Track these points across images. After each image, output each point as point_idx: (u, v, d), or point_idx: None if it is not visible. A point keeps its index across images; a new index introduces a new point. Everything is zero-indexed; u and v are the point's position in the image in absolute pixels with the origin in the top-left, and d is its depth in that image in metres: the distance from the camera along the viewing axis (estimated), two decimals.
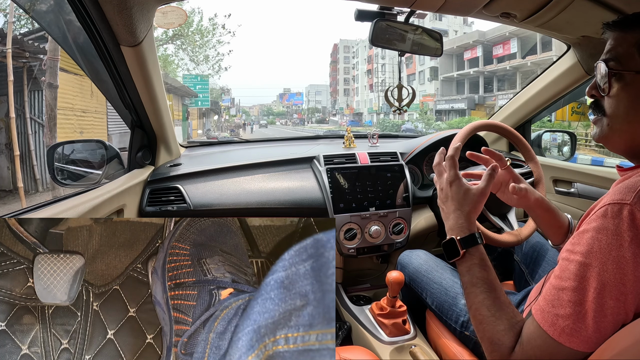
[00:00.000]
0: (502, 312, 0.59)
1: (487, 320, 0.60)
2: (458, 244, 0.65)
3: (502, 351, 0.57)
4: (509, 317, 0.59)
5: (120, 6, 0.82)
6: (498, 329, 0.58)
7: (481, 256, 0.65)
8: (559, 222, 0.86)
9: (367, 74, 39.20)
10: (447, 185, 0.71)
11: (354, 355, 0.88)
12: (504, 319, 0.59)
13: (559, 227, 0.86)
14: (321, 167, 1.29)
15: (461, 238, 0.66)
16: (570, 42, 1.22)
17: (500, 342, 0.57)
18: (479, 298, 0.61)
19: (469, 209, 0.68)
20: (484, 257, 0.65)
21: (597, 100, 0.62)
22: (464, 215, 0.68)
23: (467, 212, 0.68)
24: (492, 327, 0.59)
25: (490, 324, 0.59)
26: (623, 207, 0.50)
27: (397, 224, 1.29)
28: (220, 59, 11.97)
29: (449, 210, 0.70)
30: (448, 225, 0.69)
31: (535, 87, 1.47)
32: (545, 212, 0.85)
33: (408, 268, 1.10)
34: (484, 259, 0.65)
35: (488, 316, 0.60)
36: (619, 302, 0.49)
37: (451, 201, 0.70)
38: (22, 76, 5.31)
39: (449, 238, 0.67)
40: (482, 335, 0.60)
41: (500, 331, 0.58)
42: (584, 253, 0.52)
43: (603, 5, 0.88)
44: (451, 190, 0.70)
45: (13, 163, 4.99)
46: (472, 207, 0.69)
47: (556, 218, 0.85)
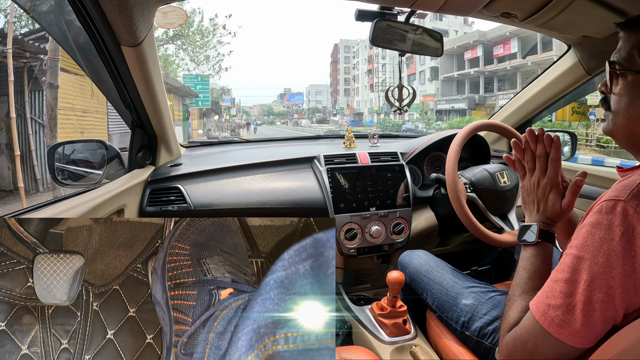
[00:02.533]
0: (527, 295, 0.64)
1: (512, 298, 0.66)
2: (538, 232, 0.69)
3: (505, 326, 0.63)
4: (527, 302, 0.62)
5: (120, 6, 0.82)
6: (514, 306, 0.64)
7: (548, 253, 0.69)
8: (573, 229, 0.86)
9: (368, 74, 39.21)
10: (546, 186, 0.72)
11: (354, 355, 0.88)
12: (525, 301, 0.63)
13: None
14: (322, 167, 1.29)
15: (543, 229, 0.70)
16: (570, 42, 1.22)
17: (508, 318, 0.63)
18: (520, 279, 0.67)
19: (551, 216, 0.72)
20: (549, 254, 0.69)
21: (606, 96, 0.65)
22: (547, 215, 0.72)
23: (550, 217, 0.72)
24: (511, 304, 0.65)
25: (512, 301, 0.65)
26: (617, 203, 0.52)
27: (397, 224, 1.29)
28: (220, 59, 11.97)
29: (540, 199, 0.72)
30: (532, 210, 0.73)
31: (535, 87, 1.47)
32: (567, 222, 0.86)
33: (408, 268, 1.10)
34: (549, 256, 0.69)
35: (515, 295, 0.65)
36: (607, 296, 0.51)
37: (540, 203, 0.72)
38: (22, 76, 5.31)
39: (532, 223, 0.71)
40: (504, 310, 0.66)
41: (514, 309, 0.63)
42: (579, 247, 0.55)
43: (604, 5, 0.87)
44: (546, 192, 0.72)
45: (14, 163, 5.00)
46: (553, 217, 0.72)
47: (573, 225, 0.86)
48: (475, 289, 0.94)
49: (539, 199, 0.73)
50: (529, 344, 0.57)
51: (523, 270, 0.68)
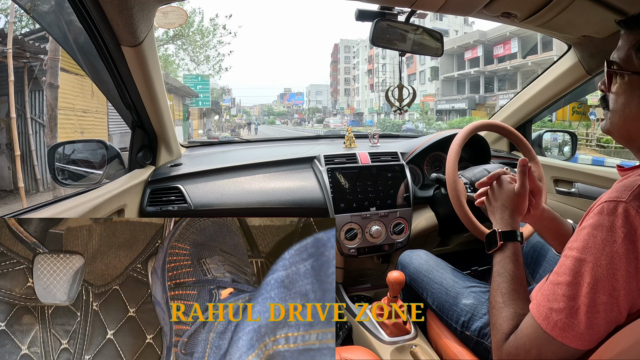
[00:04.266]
0: (512, 302, 0.63)
1: (497, 306, 0.64)
2: (498, 236, 0.72)
3: (499, 337, 0.61)
4: (517, 307, 0.62)
5: (120, 6, 0.82)
6: (503, 314, 0.62)
7: (516, 252, 0.70)
8: (563, 230, 0.86)
9: (368, 74, 39.19)
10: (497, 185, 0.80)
11: (354, 355, 0.88)
12: (512, 307, 0.62)
13: (563, 234, 0.86)
14: (322, 167, 1.29)
15: (502, 231, 0.72)
16: (571, 41, 1.22)
17: (500, 327, 0.61)
18: (499, 286, 0.66)
19: (512, 208, 0.76)
20: (517, 253, 0.70)
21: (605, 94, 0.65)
22: (508, 212, 0.75)
23: (511, 211, 0.75)
24: (499, 312, 0.63)
25: (498, 310, 0.63)
26: (618, 204, 0.52)
27: (397, 224, 1.29)
28: (221, 59, 11.97)
29: (495, 206, 0.78)
30: (494, 220, 0.77)
31: (535, 87, 1.47)
32: (551, 221, 0.86)
33: (409, 268, 1.10)
34: (518, 255, 0.70)
35: (499, 302, 0.64)
36: (611, 297, 0.50)
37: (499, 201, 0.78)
38: (22, 76, 5.32)
39: (492, 230, 0.74)
40: (490, 319, 0.65)
41: (503, 317, 0.62)
42: (580, 249, 0.54)
43: (604, 5, 0.87)
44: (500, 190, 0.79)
45: (14, 163, 5.00)
46: (515, 207, 0.76)
47: (561, 226, 0.86)
48: (476, 289, 0.94)
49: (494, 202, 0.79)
50: (533, 351, 0.55)
51: (498, 276, 0.68)
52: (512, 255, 0.69)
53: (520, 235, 0.72)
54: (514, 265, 0.68)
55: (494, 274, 0.69)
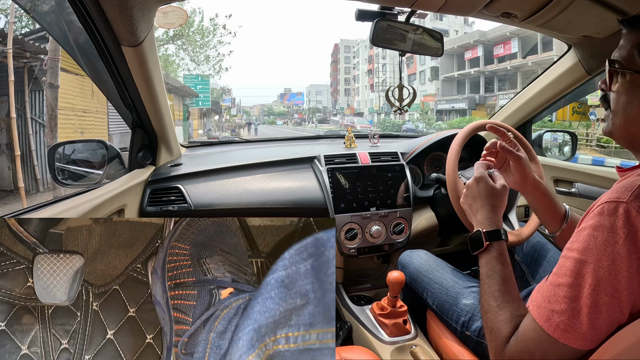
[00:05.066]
0: (507, 304, 0.62)
1: (492, 310, 0.63)
2: (483, 236, 0.70)
3: (499, 341, 0.59)
4: (512, 309, 0.61)
5: (121, 6, 0.82)
6: (499, 318, 0.61)
7: (502, 251, 0.69)
8: (555, 208, 0.85)
9: (368, 74, 39.21)
10: (474, 182, 0.77)
11: (354, 355, 0.88)
12: (507, 310, 0.61)
13: (555, 213, 0.85)
14: (322, 167, 1.29)
15: (487, 231, 0.71)
16: (571, 42, 1.22)
17: (498, 331, 0.60)
18: (491, 289, 0.65)
19: (492, 203, 0.74)
20: (504, 253, 0.69)
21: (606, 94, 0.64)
22: (491, 209, 0.74)
23: (491, 207, 0.74)
24: (495, 316, 0.62)
25: (493, 314, 0.62)
26: (619, 205, 0.52)
27: (397, 224, 1.29)
28: (221, 59, 11.96)
29: (477, 206, 0.76)
30: (477, 220, 0.75)
31: (536, 87, 1.46)
32: (543, 195, 0.85)
33: (409, 268, 1.10)
34: (504, 254, 0.68)
35: (493, 306, 0.63)
36: (614, 298, 0.50)
37: (479, 198, 0.76)
38: (23, 76, 5.32)
39: (475, 230, 0.72)
40: (486, 324, 0.63)
41: (500, 321, 0.61)
42: (581, 250, 0.53)
43: (604, 5, 0.87)
44: (478, 187, 0.76)
45: (14, 163, 5.00)
46: (495, 203, 0.75)
47: (552, 203, 0.85)
48: (475, 289, 0.94)
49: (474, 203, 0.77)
50: (537, 354, 0.55)
51: (488, 279, 0.66)
52: (499, 255, 0.68)
53: (504, 233, 0.71)
54: (502, 266, 0.67)
55: (482, 277, 0.68)
